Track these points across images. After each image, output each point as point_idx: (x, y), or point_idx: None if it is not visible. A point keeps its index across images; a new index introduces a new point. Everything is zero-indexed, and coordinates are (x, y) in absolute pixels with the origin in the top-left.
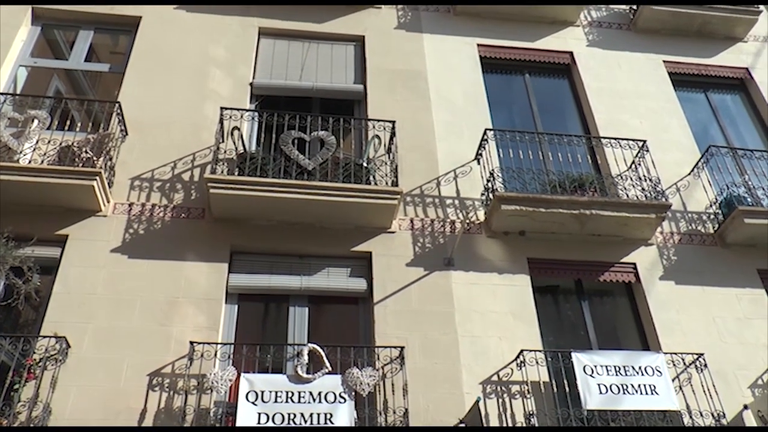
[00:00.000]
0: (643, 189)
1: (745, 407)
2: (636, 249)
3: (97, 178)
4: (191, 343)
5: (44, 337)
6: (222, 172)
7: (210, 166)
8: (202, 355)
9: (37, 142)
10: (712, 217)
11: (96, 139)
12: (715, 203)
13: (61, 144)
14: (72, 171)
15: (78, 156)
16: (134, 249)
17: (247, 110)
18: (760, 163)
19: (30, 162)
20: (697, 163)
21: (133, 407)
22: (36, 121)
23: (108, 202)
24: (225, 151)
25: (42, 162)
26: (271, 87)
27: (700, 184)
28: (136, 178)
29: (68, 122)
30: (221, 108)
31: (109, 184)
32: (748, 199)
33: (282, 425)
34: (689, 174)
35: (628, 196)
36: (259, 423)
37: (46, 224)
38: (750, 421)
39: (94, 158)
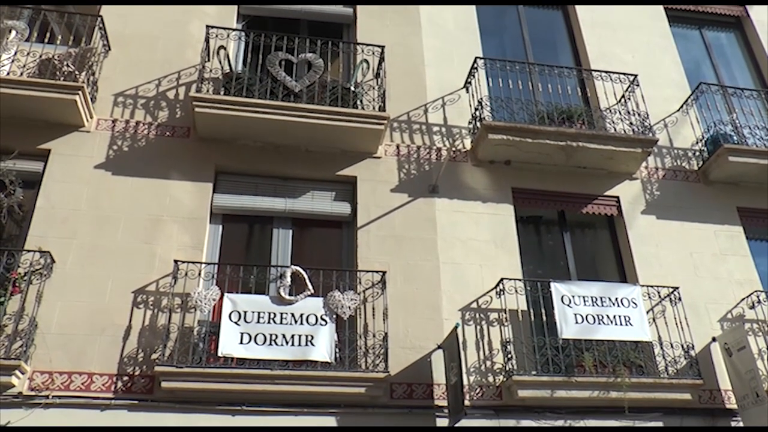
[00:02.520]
0: (631, 123)
1: (713, 339)
2: (620, 183)
3: (80, 92)
4: (175, 261)
5: (28, 251)
6: (207, 91)
7: (195, 84)
8: (186, 274)
9: (15, 53)
10: (697, 154)
11: (77, 53)
12: (701, 140)
13: (41, 57)
14: (54, 85)
15: (59, 69)
16: (118, 166)
17: (234, 30)
18: (749, 102)
19: (8, 74)
20: (686, 100)
21: (117, 324)
22: (14, 32)
23: (91, 117)
24: (211, 71)
25: (21, 74)
26: (259, 8)
27: (688, 120)
28: (120, 94)
29: (48, 35)
30: (207, 26)
31: (92, 99)
32: (734, 138)
33: (263, 345)
34: (678, 110)
35: (615, 129)
36: (241, 343)
37: (28, 138)
38: (716, 353)
39: (76, 72)
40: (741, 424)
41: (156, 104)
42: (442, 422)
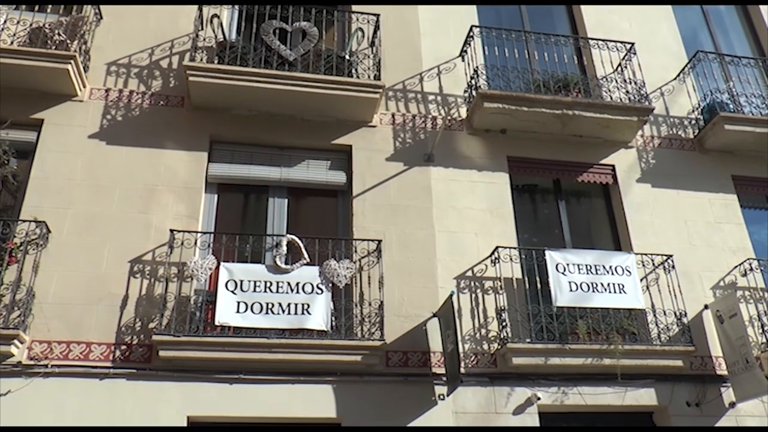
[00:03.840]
0: (627, 92)
1: (706, 307)
2: (615, 151)
3: (72, 61)
4: (171, 231)
5: (24, 221)
6: (201, 60)
7: (189, 53)
8: (182, 244)
9: (5, 22)
10: (693, 122)
11: (69, 22)
12: (697, 109)
13: (31, 26)
14: (46, 54)
15: (50, 38)
16: (112, 135)
17: None
18: (747, 70)
19: None
20: (683, 68)
21: (114, 293)
22: None
23: (84, 87)
24: (204, 39)
25: (12, 43)
26: None
27: (685, 89)
28: (113, 63)
29: (38, 3)
30: None
31: (84, 68)
32: (731, 106)
33: (260, 314)
34: (675, 79)
35: (612, 98)
36: (238, 312)
37: (20, 107)
38: (708, 320)
39: (68, 41)
40: (731, 390)
41: (149, 73)
42: (439, 390)
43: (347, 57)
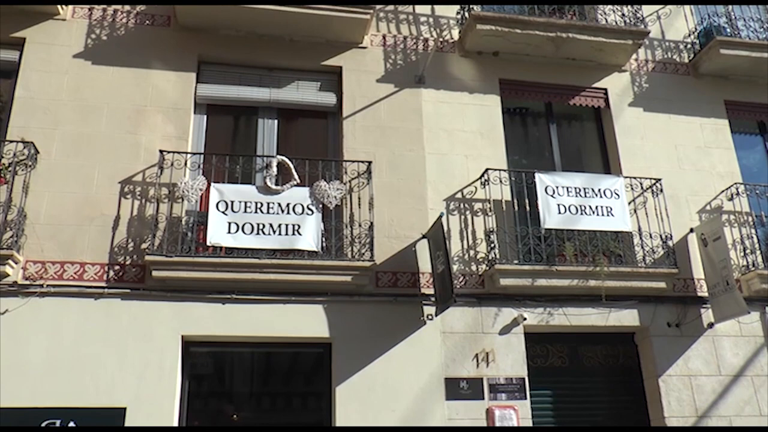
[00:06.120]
0: (623, 15)
1: (691, 230)
2: (608, 75)
3: None
4: (161, 151)
5: (11, 141)
6: None
7: None
8: (172, 164)
9: None
10: (689, 46)
11: None
12: (693, 33)
13: None
14: None
15: None
16: (98, 55)
17: None
18: None
19: None
20: None
21: (106, 214)
22: None
23: (65, 5)
24: None
25: None
26: None
27: (682, 12)
28: None
29: None
30: None
31: None
32: (727, 30)
33: (251, 234)
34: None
35: (607, 21)
36: (229, 232)
37: (0, 26)
38: (693, 243)
39: None
40: (710, 311)
41: None
42: (428, 310)
43: None
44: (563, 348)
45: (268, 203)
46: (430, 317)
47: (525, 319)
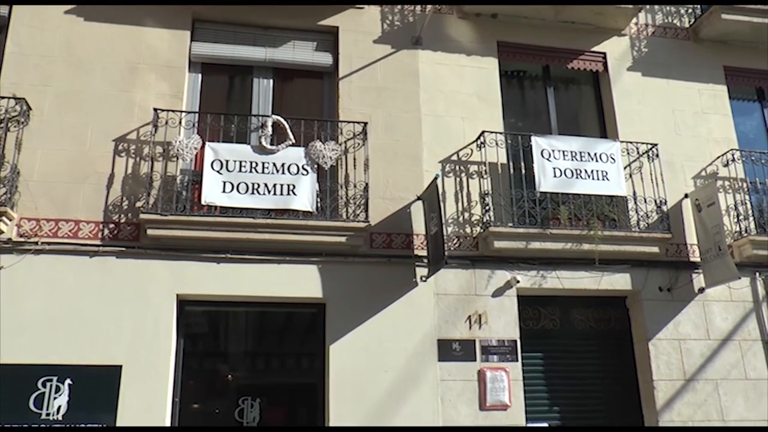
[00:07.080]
0: None
1: (686, 196)
2: (608, 39)
3: None
4: (155, 110)
5: (3, 97)
6: None
7: None
8: (166, 123)
9: None
10: (689, 11)
11: None
12: None
13: None
14: None
15: None
16: (89, 11)
17: None
18: None
19: None
20: None
21: (100, 171)
22: None
23: None
24: None
25: None
26: None
27: None
28: None
29: None
30: None
31: None
32: None
33: (246, 194)
34: None
35: None
36: (224, 192)
37: None
38: (687, 208)
39: None
40: (701, 276)
41: None
42: (421, 271)
43: None
44: (555, 311)
45: (263, 163)
46: (423, 278)
47: (518, 281)
